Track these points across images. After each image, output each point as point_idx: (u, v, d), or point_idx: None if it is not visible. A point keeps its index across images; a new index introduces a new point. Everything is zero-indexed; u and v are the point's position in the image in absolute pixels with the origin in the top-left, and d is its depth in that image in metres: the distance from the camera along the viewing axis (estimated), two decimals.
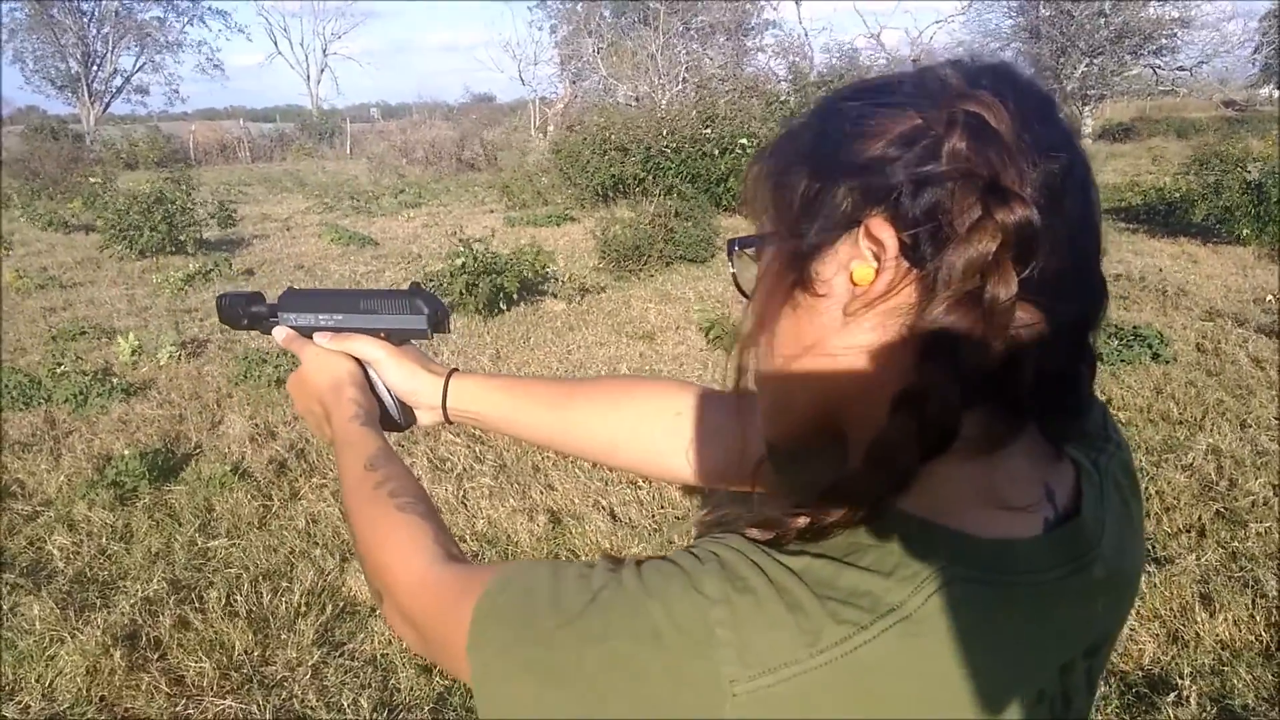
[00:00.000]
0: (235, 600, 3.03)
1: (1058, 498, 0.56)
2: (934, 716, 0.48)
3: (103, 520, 3.60)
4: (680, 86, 19.42)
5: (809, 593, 0.48)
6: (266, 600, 3.03)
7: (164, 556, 3.36)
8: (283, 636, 2.85)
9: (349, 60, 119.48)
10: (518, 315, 6.84)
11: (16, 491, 3.92)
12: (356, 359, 0.96)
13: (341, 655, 2.77)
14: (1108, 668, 2.49)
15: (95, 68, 33.19)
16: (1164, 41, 25.25)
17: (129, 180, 14.31)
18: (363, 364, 0.96)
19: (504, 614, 0.56)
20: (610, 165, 12.43)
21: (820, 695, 0.46)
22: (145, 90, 36.05)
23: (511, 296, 6.87)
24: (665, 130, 12.26)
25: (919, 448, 0.49)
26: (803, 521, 0.51)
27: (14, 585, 3.15)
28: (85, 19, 32.44)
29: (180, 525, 3.58)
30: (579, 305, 7.15)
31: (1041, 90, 0.54)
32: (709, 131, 11.87)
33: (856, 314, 0.53)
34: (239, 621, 2.90)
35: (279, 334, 1.01)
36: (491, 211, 13.43)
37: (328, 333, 0.98)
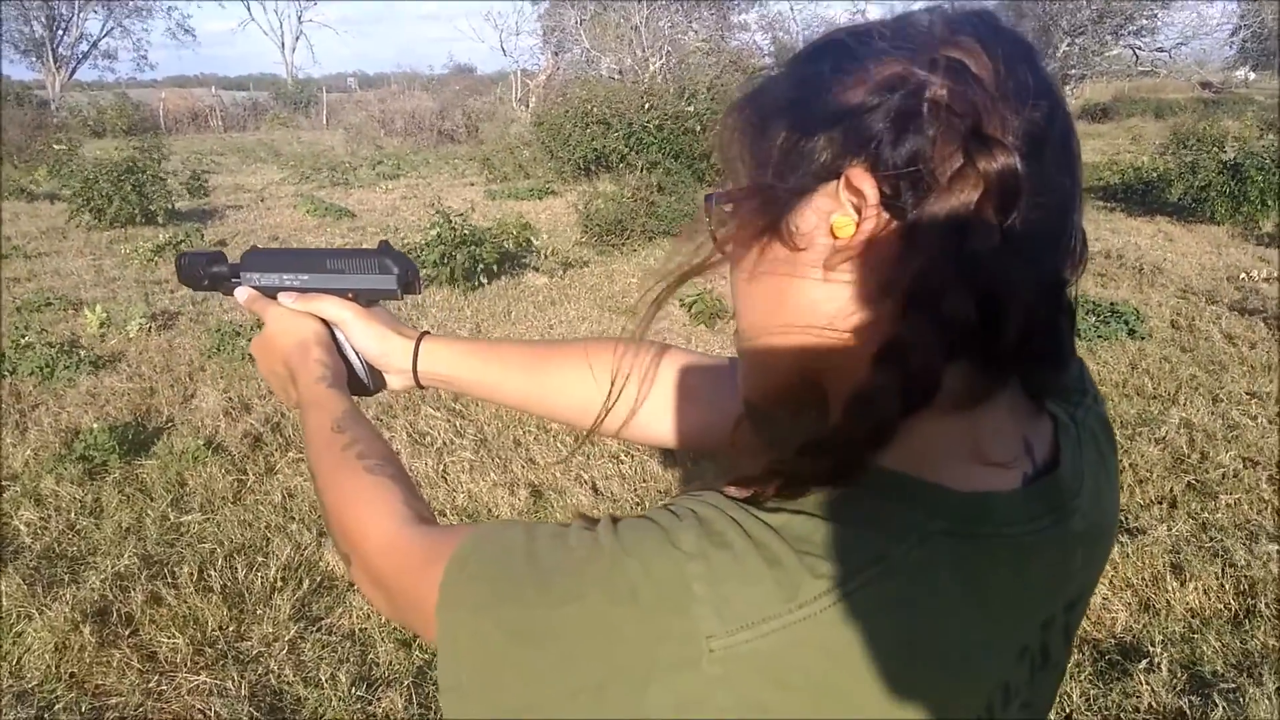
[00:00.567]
0: (209, 576, 3.00)
1: (1036, 452, 0.56)
2: (915, 671, 0.47)
3: (71, 495, 3.55)
4: (664, 60, 19.27)
5: (787, 548, 0.47)
6: (241, 575, 3.00)
7: (135, 532, 3.31)
8: (258, 612, 2.82)
9: (325, 28, 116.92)
10: (499, 289, 6.79)
11: None
12: (323, 320, 0.94)
13: (319, 630, 2.75)
14: (1080, 635, 2.52)
15: (61, 31, 32.37)
16: (1144, 22, 25.36)
17: (96, 148, 14.03)
18: (329, 325, 0.93)
19: (476, 573, 0.55)
20: (592, 139, 12.33)
21: (799, 650, 0.46)
22: (113, 56, 35.39)
23: (491, 269, 6.81)
24: (647, 105, 12.17)
25: (900, 401, 0.48)
26: (781, 478, 0.49)
27: None
28: None
29: (152, 500, 3.53)
30: (561, 279, 7.10)
31: (1024, 38, 0.52)
32: (691, 107, 11.80)
33: (836, 267, 0.51)
34: (213, 597, 2.87)
35: (241, 294, 0.98)
36: (471, 184, 13.30)
37: (293, 293, 0.95)
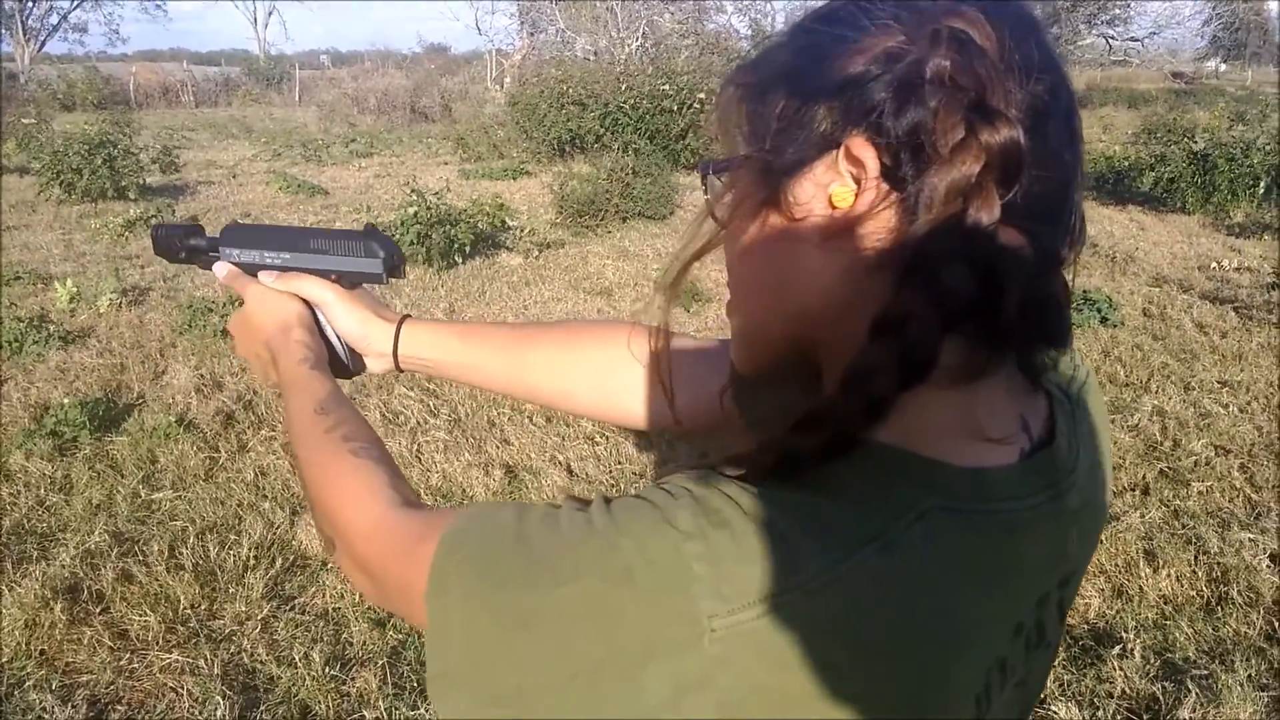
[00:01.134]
0: (181, 553, 2.96)
1: (1032, 428, 0.55)
2: (914, 648, 0.47)
3: (41, 471, 3.49)
4: (640, 41, 19.15)
5: (785, 524, 0.46)
6: (214, 553, 2.96)
7: (105, 508, 3.26)
8: (231, 590, 2.79)
9: (297, 4, 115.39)
10: (473, 269, 6.73)
11: None
12: (304, 300, 0.91)
13: (292, 609, 2.72)
14: None
15: (30, 3, 31.71)
16: (1117, 11, 25.57)
17: (66, 122, 13.76)
18: (310, 306, 0.91)
19: (466, 557, 0.53)
20: (567, 120, 12.25)
21: (800, 627, 0.45)
22: (83, 29, 34.89)
23: (465, 249, 6.75)
24: (624, 85, 12.10)
25: (897, 376, 0.47)
26: (775, 454, 0.49)
27: None
28: None
29: (123, 477, 3.48)
30: (536, 260, 7.06)
31: (1028, 10, 0.51)
32: (667, 87, 11.74)
33: (834, 237, 0.51)
34: (185, 575, 2.83)
35: (220, 270, 0.96)
36: (445, 164, 13.17)
37: (273, 272, 0.93)
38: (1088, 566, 0.66)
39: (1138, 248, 7.42)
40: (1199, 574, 2.84)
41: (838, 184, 0.50)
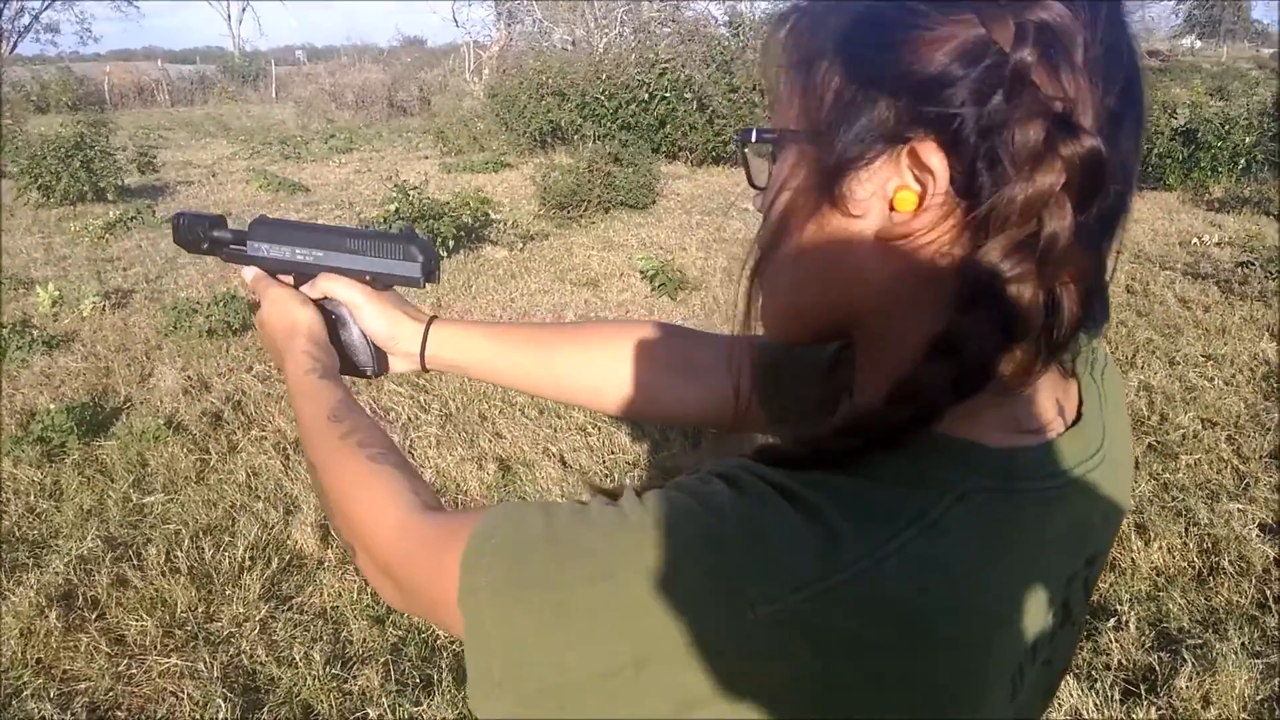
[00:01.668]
0: (175, 557, 2.94)
1: (1065, 412, 0.55)
2: (958, 630, 0.47)
3: (30, 477, 3.46)
4: (619, 29, 19.06)
5: (826, 509, 0.46)
6: (208, 556, 2.95)
7: (97, 514, 3.24)
8: (227, 592, 2.78)
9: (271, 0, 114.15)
10: (459, 262, 6.70)
11: None
12: (320, 306, 0.91)
13: (290, 609, 2.71)
14: None
15: (1, 4, 31.28)
16: None
17: (40, 124, 13.58)
18: (331, 311, 0.90)
19: (496, 557, 0.52)
20: (547, 111, 12.19)
21: (845, 612, 0.44)
22: (55, 29, 34.38)
23: (449, 244, 6.72)
24: (602, 75, 12.04)
25: (952, 394, 0.46)
26: (812, 450, 0.48)
27: None
28: None
29: (113, 481, 3.45)
30: (521, 252, 7.03)
31: None
32: (642, 76, 11.70)
33: (894, 241, 0.49)
34: (180, 578, 2.82)
35: (249, 273, 0.95)
36: (426, 158, 13.09)
37: (290, 275, 0.93)
38: (1111, 549, 0.66)
39: None
40: (1190, 545, 2.88)
41: (900, 185, 0.47)
